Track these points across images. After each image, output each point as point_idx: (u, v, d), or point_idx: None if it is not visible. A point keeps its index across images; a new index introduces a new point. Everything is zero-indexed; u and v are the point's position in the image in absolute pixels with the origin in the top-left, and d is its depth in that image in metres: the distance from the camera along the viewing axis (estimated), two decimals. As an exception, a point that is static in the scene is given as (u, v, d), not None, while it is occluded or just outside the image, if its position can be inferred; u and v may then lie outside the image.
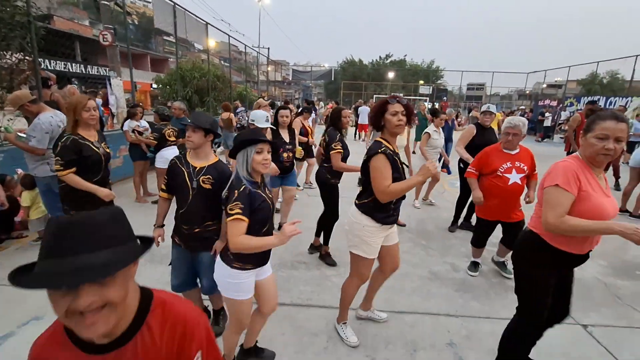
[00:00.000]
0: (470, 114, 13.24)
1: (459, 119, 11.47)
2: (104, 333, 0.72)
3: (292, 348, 2.26)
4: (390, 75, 34.73)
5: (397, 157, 2.05)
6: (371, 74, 33.94)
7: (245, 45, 15.27)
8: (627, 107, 12.26)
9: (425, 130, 4.99)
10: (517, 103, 33.50)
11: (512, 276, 3.29)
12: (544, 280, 1.80)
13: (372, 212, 2.07)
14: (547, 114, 15.78)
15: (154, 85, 20.58)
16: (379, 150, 1.96)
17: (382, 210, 2.06)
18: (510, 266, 3.40)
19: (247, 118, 9.20)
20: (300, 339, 2.34)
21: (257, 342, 2.11)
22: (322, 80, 34.08)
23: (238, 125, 8.04)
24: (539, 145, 13.71)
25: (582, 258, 1.77)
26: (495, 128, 4.88)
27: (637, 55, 15.97)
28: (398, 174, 2.00)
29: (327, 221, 3.44)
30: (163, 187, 2.15)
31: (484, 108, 4.19)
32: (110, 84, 8.82)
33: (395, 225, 2.27)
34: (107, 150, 2.79)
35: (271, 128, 3.47)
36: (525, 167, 2.98)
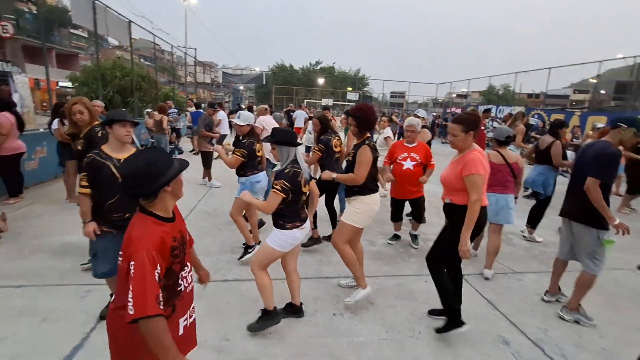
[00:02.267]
0: (391, 120, 14.77)
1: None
2: None
3: (237, 311, 2.65)
4: (320, 81, 36.19)
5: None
6: (302, 79, 34.88)
7: (172, 45, 14.75)
8: (511, 114, 14.92)
9: (387, 136, 5.51)
10: (431, 110, 37.53)
11: (419, 246, 4.12)
12: None
13: None
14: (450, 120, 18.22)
15: (62, 84, 18.53)
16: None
17: None
18: (419, 239, 4.23)
19: (180, 120, 9.07)
20: (243, 304, 2.74)
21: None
22: (253, 83, 33.97)
23: (169, 126, 7.93)
24: (445, 147, 15.82)
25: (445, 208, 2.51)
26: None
27: (517, 72, 19.45)
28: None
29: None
30: (84, 183, 2.25)
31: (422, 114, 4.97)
32: (12, 81, 7.95)
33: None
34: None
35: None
36: (418, 157, 3.83)
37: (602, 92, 32.52)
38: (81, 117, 2.95)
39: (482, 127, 8.10)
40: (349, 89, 34.86)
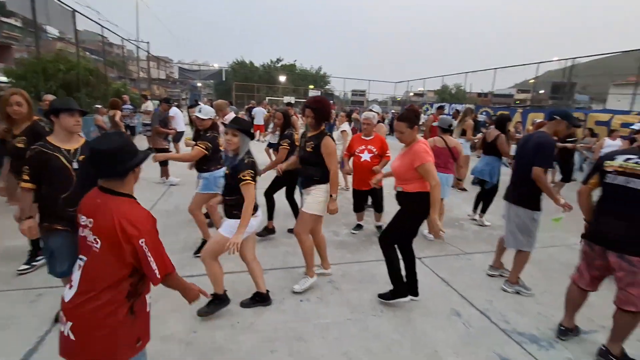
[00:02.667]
0: (352, 116, 15.13)
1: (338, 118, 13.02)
2: None
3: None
4: (282, 79, 35.99)
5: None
6: (263, 76, 34.45)
7: (122, 37, 13.91)
8: (459, 110, 15.93)
9: (343, 129, 5.69)
10: (391, 108, 38.87)
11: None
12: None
13: None
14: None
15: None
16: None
17: None
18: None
19: (135, 118, 8.59)
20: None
21: None
22: (212, 80, 32.97)
23: (124, 123, 7.50)
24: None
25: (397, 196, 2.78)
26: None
27: (467, 72, 20.70)
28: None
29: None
30: (26, 177, 2.07)
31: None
32: None
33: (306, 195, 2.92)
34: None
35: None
36: (375, 149, 4.03)
37: (541, 91, 35.75)
38: (18, 109, 2.69)
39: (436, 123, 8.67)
40: (311, 86, 35.01)
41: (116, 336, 1.30)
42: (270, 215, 4.00)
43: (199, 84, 35.09)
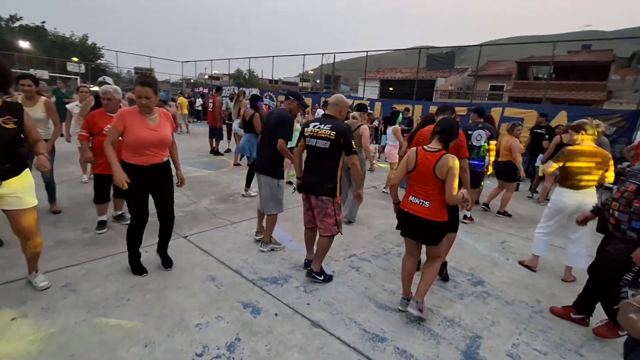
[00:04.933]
0: (127, 97, 13.18)
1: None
2: None
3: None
4: (24, 45, 26.94)
5: None
6: (-14, 40, 24.66)
7: None
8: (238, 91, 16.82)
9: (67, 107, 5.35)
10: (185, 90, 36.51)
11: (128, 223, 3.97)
12: (132, 191, 2.66)
13: None
14: (198, 99, 18.56)
15: None
16: None
17: None
18: (128, 216, 4.05)
19: None
20: None
21: None
22: None
23: None
24: (193, 125, 15.82)
25: (151, 169, 2.70)
26: None
27: (250, 57, 21.88)
28: None
29: None
30: None
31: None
32: None
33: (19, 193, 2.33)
34: None
35: None
36: None
37: (318, 81, 42.73)
38: None
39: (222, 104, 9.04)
40: (75, 59, 27.93)
41: None
42: None
43: None
